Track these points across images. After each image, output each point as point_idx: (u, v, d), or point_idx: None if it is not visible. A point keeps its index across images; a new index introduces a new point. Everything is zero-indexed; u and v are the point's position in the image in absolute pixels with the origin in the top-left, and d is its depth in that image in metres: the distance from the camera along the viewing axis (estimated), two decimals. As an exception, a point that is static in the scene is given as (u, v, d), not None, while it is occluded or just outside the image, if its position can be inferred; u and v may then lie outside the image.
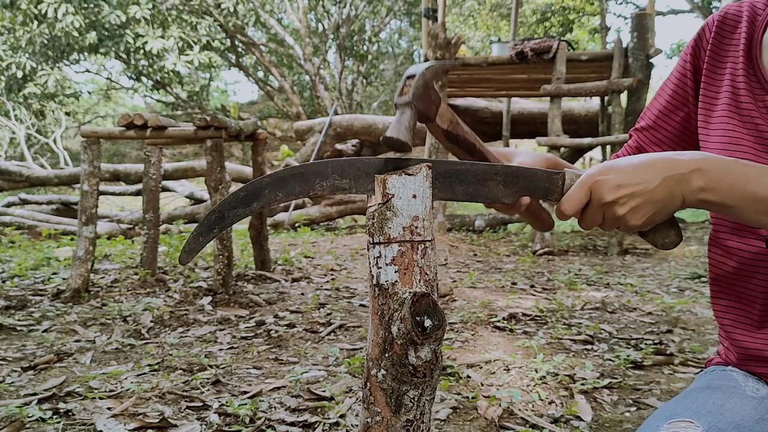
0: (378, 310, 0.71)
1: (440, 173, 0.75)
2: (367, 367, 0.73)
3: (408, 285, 0.70)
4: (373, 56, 18.07)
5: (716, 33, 0.97)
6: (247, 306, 3.41)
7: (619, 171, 0.75)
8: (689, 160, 0.76)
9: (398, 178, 0.70)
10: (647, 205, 0.75)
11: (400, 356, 0.68)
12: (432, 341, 0.68)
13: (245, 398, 2.04)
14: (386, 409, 0.71)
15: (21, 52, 13.76)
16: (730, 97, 0.93)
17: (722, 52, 0.96)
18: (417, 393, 0.70)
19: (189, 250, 0.76)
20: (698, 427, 0.80)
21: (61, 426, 1.82)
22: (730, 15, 0.96)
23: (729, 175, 0.75)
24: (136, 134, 3.64)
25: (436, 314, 0.68)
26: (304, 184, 0.75)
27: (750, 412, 0.86)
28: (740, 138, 0.91)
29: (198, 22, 14.81)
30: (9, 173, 8.03)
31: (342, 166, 0.75)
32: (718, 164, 0.76)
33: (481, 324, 2.97)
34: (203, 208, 7.75)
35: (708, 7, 15.14)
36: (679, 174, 0.75)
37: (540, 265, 4.92)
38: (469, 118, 9.45)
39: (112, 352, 2.60)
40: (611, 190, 0.74)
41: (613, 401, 2.06)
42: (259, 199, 0.75)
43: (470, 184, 0.75)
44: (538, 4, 17.66)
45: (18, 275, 4.25)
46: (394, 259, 0.70)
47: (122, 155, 18.13)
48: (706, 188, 0.75)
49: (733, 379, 0.97)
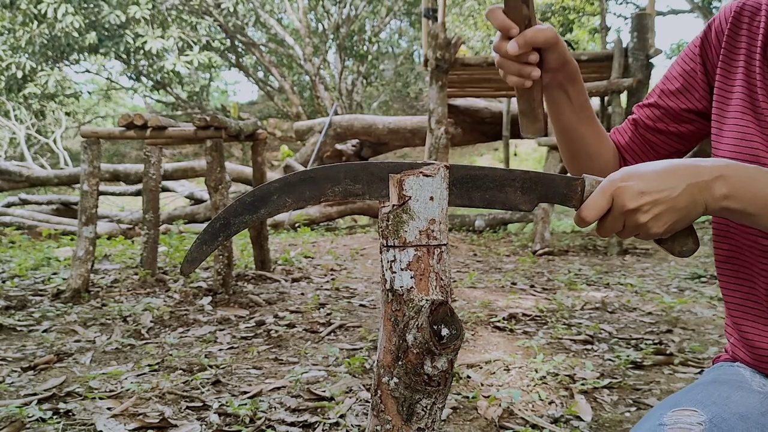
0: (391, 316, 0.68)
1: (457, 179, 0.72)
2: (377, 374, 0.70)
3: (424, 291, 0.67)
4: (373, 56, 18.07)
5: (732, 25, 0.95)
6: (247, 306, 3.41)
7: (641, 177, 0.73)
8: (712, 167, 0.75)
9: (416, 179, 0.68)
10: (670, 213, 0.74)
11: (415, 365, 0.66)
12: (450, 351, 0.65)
13: (245, 398, 2.04)
14: (397, 417, 0.69)
15: (21, 52, 13.76)
16: (745, 92, 0.92)
17: (737, 44, 0.94)
18: (430, 402, 0.68)
19: (191, 260, 0.73)
20: (702, 415, 0.80)
21: (61, 426, 1.82)
22: (748, 7, 0.95)
23: (753, 183, 0.75)
24: (136, 134, 3.64)
25: (453, 323, 0.66)
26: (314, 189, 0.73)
27: (755, 405, 0.86)
28: (752, 135, 0.90)
29: (198, 22, 14.82)
30: (9, 173, 8.03)
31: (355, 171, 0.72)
32: (741, 171, 0.75)
33: (481, 324, 2.97)
34: (203, 208, 7.75)
35: (708, 7, 15.13)
36: (702, 181, 0.74)
37: (540, 265, 4.92)
38: (469, 118, 9.45)
39: (112, 352, 2.60)
40: (634, 197, 0.73)
41: (613, 401, 2.06)
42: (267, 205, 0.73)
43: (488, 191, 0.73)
44: (538, 4, 17.66)
45: (18, 275, 4.25)
46: (410, 264, 0.67)
47: (122, 155, 18.13)
48: (730, 195, 0.74)
49: (740, 374, 0.96)
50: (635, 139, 1.09)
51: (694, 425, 0.79)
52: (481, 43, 18.99)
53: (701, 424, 0.79)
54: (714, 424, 0.79)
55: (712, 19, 0.99)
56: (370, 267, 4.77)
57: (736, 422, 0.80)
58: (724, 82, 0.95)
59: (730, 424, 0.80)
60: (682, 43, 19.69)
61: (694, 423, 0.79)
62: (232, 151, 16.45)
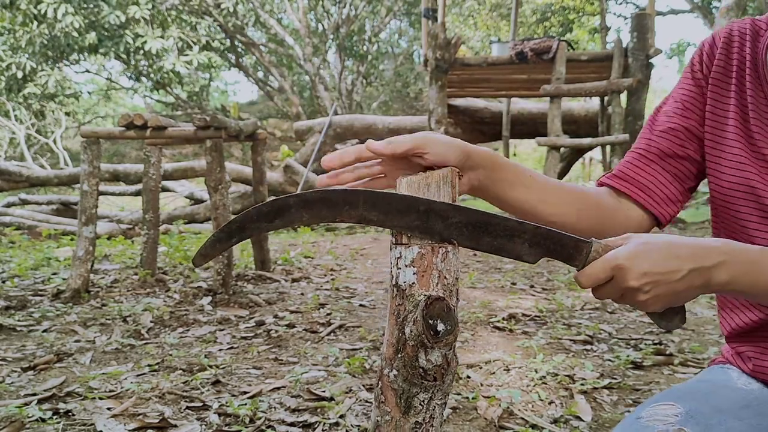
0: (395, 310, 0.71)
1: (471, 222, 0.73)
2: (381, 366, 0.73)
3: (425, 288, 0.70)
4: (372, 56, 18.06)
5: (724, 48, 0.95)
6: (247, 306, 3.41)
7: (646, 258, 0.74)
8: (717, 253, 0.75)
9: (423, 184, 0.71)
10: (669, 295, 0.75)
11: (411, 358, 0.69)
12: (443, 345, 0.68)
13: (245, 398, 2.05)
14: (396, 409, 0.71)
15: (21, 52, 13.75)
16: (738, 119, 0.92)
17: (729, 67, 0.95)
18: (427, 396, 0.71)
19: (204, 254, 0.76)
20: (679, 408, 0.82)
21: (61, 426, 1.82)
22: (736, 30, 0.95)
23: (753, 268, 0.76)
24: (135, 134, 3.64)
25: (449, 319, 0.68)
26: (331, 209, 0.74)
27: (736, 399, 0.87)
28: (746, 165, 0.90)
29: (198, 22, 14.81)
30: (9, 173, 8.02)
31: (373, 199, 0.73)
32: (744, 256, 0.76)
33: (480, 324, 2.97)
34: (203, 208, 7.75)
35: (708, 7, 15.13)
36: (704, 267, 0.75)
37: (540, 265, 4.92)
38: (468, 118, 9.46)
39: (111, 352, 2.60)
40: (636, 277, 0.74)
41: (612, 401, 2.06)
42: (283, 217, 0.74)
43: (497, 238, 0.75)
44: (538, 4, 17.67)
45: (18, 275, 4.25)
46: (414, 260, 0.70)
47: (122, 155, 18.13)
48: (730, 282, 0.76)
49: (727, 374, 0.98)
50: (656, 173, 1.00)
51: (670, 416, 0.81)
52: (481, 43, 19.00)
53: (677, 416, 0.81)
54: (690, 415, 0.81)
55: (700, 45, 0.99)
56: (369, 267, 4.77)
57: (712, 414, 0.82)
58: (715, 105, 0.95)
59: (706, 415, 0.81)
60: (682, 43, 19.68)
61: (670, 415, 0.82)
62: (232, 151, 16.45)
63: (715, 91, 0.95)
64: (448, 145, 0.79)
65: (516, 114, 9.24)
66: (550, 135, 6.23)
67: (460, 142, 0.81)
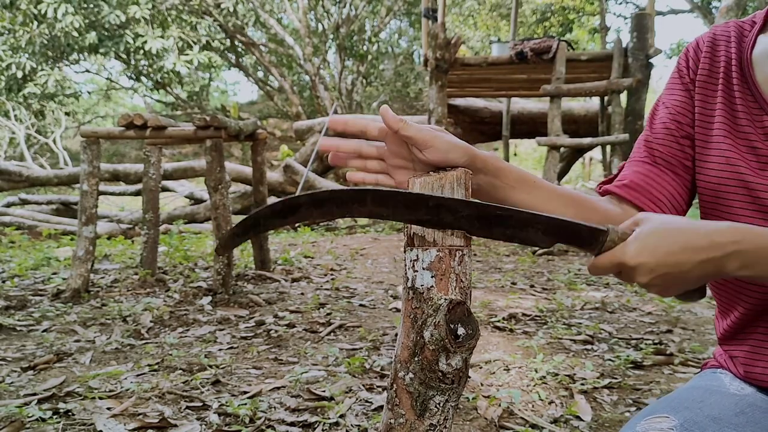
0: (411, 313, 0.70)
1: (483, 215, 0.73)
2: (394, 369, 0.73)
3: (444, 291, 0.69)
4: (372, 56, 18.05)
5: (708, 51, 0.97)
6: (247, 306, 3.41)
7: (651, 254, 0.73)
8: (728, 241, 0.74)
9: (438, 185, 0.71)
10: (680, 284, 0.75)
11: (430, 362, 0.68)
12: (464, 350, 0.68)
13: (245, 398, 2.04)
14: (411, 412, 0.71)
15: (21, 52, 13.74)
16: (726, 116, 0.93)
17: (715, 69, 0.96)
18: (443, 399, 0.70)
19: (225, 245, 0.85)
20: (673, 420, 0.82)
21: (61, 426, 1.82)
22: (719, 34, 0.97)
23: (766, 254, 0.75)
24: (135, 134, 3.64)
25: (470, 323, 0.68)
26: (341, 207, 0.76)
27: (730, 406, 0.87)
28: (736, 159, 0.90)
29: (198, 22, 14.80)
30: (9, 173, 8.03)
31: (382, 197, 0.74)
32: (756, 240, 0.75)
33: (480, 324, 2.97)
34: (203, 208, 7.75)
35: (708, 7, 15.14)
36: (716, 257, 0.74)
37: (540, 265, 4.92)
38: (468, 117, 9.46)
39: (111, 352, 2.60)
40: (644, 273, 0.74)
41: (613, 401, 2.06)
42: (294, 214, 0.77)
43: (509, 228, 0.74)
44: (538, 4, 17.66)
45: (18, 275, 4.25)
46: (432, 263, 0.70)
47: (122, 155, 18.14)
48: (743, 267, 0.75)
49: (719, 379, 0.98)
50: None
51: (665, 430, 0.81)
52: (481, 43, 18.99)
53: (672, 429, 0.81)
54: (685, 428, 0.81)
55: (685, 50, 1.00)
56: (369, 267, 4.77)
57: (708, 424, 0.82)
58: (703, 107, 0.96)
59: (702, 426, 0.81)
60: (682, 43, 19.67)
61: (665, 428, 0.81)
62: (232, 151, 16.45)
63: (702, 93, 0.96)
64: (454, 146, 0.79)
65: (516, 114, 9.25)
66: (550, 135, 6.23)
67: (466, 145, 0.81)
